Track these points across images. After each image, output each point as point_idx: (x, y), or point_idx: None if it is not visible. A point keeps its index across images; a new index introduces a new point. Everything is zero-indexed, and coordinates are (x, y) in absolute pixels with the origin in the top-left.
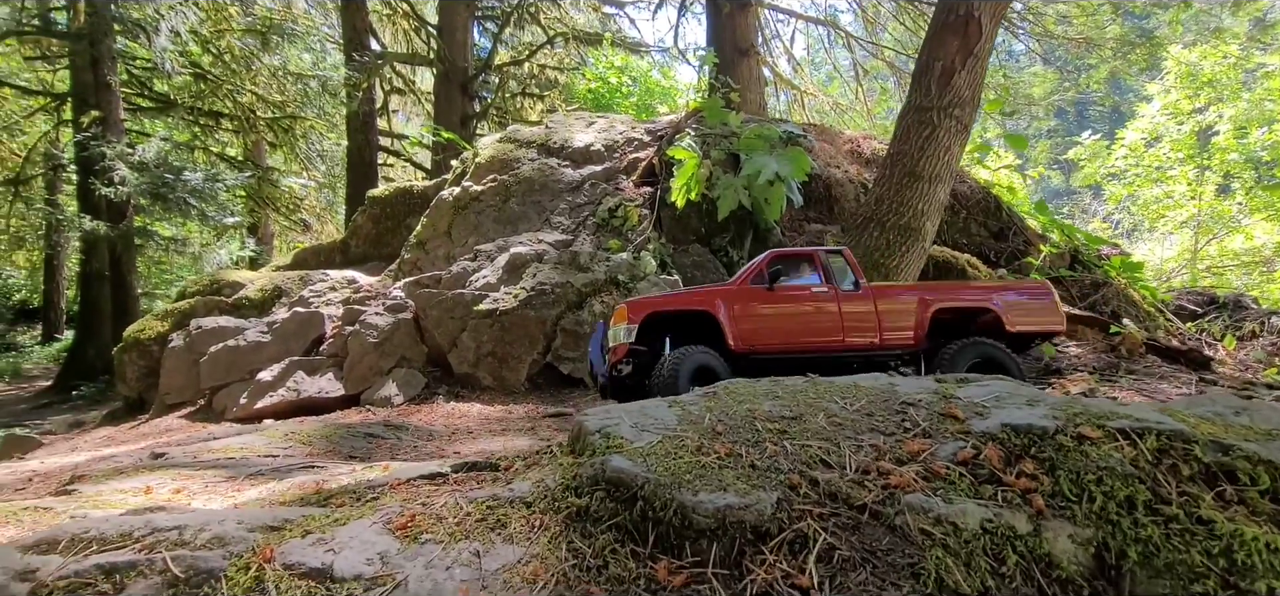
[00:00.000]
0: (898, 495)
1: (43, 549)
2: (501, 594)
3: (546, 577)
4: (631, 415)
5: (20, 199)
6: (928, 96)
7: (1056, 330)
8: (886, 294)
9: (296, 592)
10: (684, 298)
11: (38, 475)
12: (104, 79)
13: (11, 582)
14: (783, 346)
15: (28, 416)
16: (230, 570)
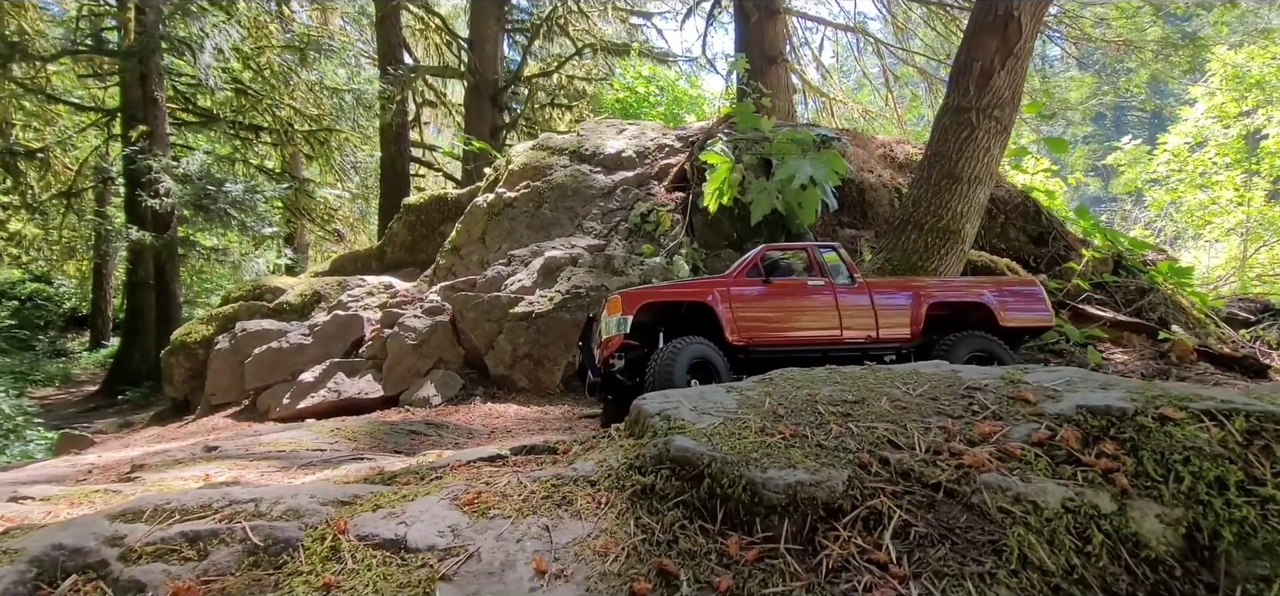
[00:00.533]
0: (972, 474)
1: (129, 518)
2: (574, 565)
3: (616, 550)
4: (690, 399)
5: (72, 210)
6: (965, 97)
7: (1046, 325)
8: (882, 288)
9: (372, 561)
10: (679, 289)
11: (97, 467)
12: (151, 95)
13: (102, 547)
14: (781, 339)
15: (77, 419)
16: (306, 540)
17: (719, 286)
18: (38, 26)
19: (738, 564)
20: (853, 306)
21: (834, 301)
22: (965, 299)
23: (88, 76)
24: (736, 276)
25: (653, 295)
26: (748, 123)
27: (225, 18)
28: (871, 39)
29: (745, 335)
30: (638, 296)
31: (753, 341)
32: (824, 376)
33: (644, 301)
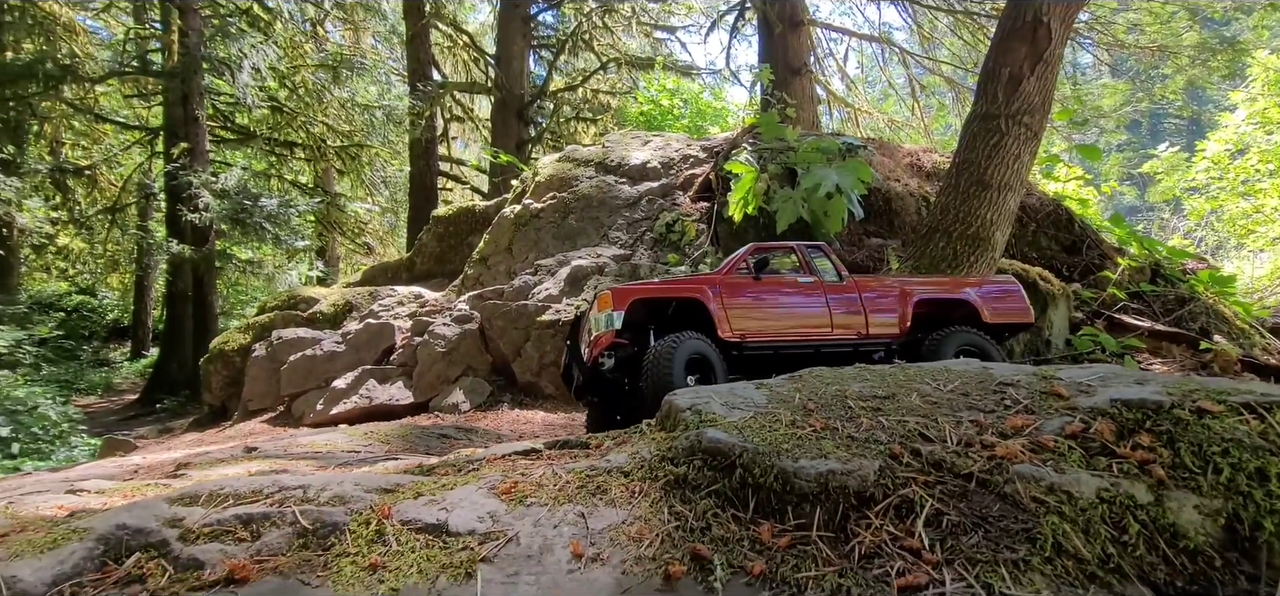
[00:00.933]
0: (1005, 465)
1: (186, 502)
2: (609, 549)
3: (651, 536)
4: (720, 395)
5: (116, 225)
6: (994, 103)
7: (1026, 322)
8: (869, 286)
9: (416, 544)
10: (672, 285)
11: (143, 467)
12: (193, 113)
13: (163, 528)
14: (774, 335)
15: (118, 426)
16: (353, 524)
17: (710, 283)
18: (87, 50)
19: (770, 550)
20: (842, 303)
21: (824, 298)
22: (950, 297)
23: (133, 97)
24: (726, 273)
25: (645, 291)
26: (772, 132)
27: (263, 38)
28: (897, 48)
29: (738, 331)
30: (629, 292)
31: (746, 337)
32: (853, 374)
33: (636, 297)
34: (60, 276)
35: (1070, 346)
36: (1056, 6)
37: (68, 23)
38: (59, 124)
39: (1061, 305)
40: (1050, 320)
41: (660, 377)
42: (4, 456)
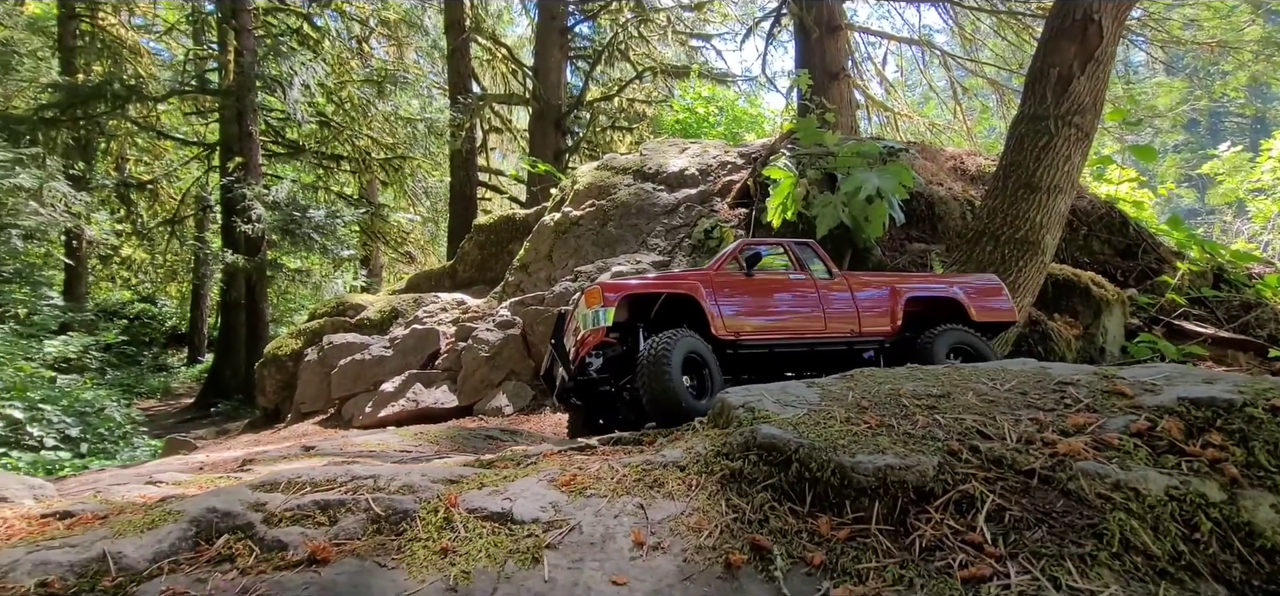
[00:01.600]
0: (1068, 462)
1: (267, 488)
2: (670, 539)
3: (709, 527)
4: (772, 393)
5: (175, 236)
6: (1042, 104)
7: (1010, 319)
8: (860, 282)
9: (483, 531)
10: (664, 280)
11: (206, 464)
12: (247, 129)
13: (248, 511)
14: (769, 334)
15: (175, 428)
16: (422, 512)
17: (702, 279)
18: (150, 70)
19: (829, 542)
20: (835, 301)
21: (817, 296)
22: (939, 295)
23: (192, 114)
24: (718, 269)
25: (636, 286)
26: (811, 138)
27: (312, 56)
28: (937, 51)
29: (732, 329)
30: (619, 287)
31: (740, 336)
32: (905, 373)
33: (627, 292)
34: (123, 285)
35: (1126, 354)
36: (1107, 4)
37: (133, 45)
38: (124, 141)
39: (1116, 311)
40: (1104, 326)
41: (658, 379)
42: (73, 455)
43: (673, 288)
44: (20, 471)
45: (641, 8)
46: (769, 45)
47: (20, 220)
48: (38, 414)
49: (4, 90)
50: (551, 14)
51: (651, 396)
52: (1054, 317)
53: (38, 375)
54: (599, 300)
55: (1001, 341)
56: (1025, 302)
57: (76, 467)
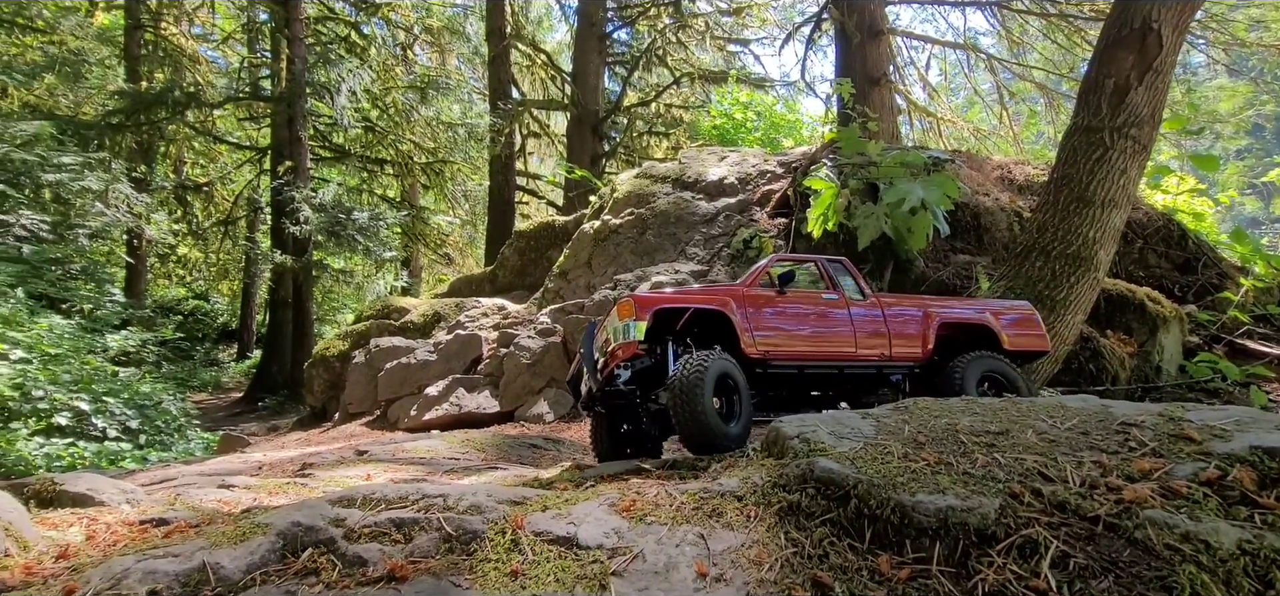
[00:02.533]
0: (1134, 510)
1: (345, 504)
2: (731, 571)
3: (770, 561)
4: (826, 423)
5: (228, 237)
6: (1097, 116)
7: (1042, 349)
8: (892, 304)
9: (549, 555)
10: (696, 295)
11: (266, 464)
12: (297, 134)
13: (329, 527)
14: (800, 354)
15: (225, 422)
16: (490, 533)
17: (734, 295)
18: (208, 78)
19: (890, 581)
20: (867, 322)
21: (848, 316)
22: (971, 320)
23: (245, 120)
24: (750, 285)
25: (668, 300)
26: (853, 147)
27: (359, 63)
28: (983, 55)
29: (762, 348)
30: (652, 301)
31: (769, 355)
32: (961, 406)
33: (659, 306)
34: (179, 283)
35: (1184, 373)
36: (1168, 11)
37: (192, 54)
38: (182, 145)
39: (1173, 328)
40: (1160, 344)
41: (690, 405)
42: (134, 446)
43: (705, 303)
44: (87, 461)
45: (680, 13)
46: (809, 50)
47: (87, 220)
48: (102, 406)
49: (74, 97)
50: (591, 20)
51: (682, 422)
52: (1107, 335)
53: (101, 369)
54: (632, 313)
55: (1032, 369)
56: (1076, 320)
57: (137, 458)
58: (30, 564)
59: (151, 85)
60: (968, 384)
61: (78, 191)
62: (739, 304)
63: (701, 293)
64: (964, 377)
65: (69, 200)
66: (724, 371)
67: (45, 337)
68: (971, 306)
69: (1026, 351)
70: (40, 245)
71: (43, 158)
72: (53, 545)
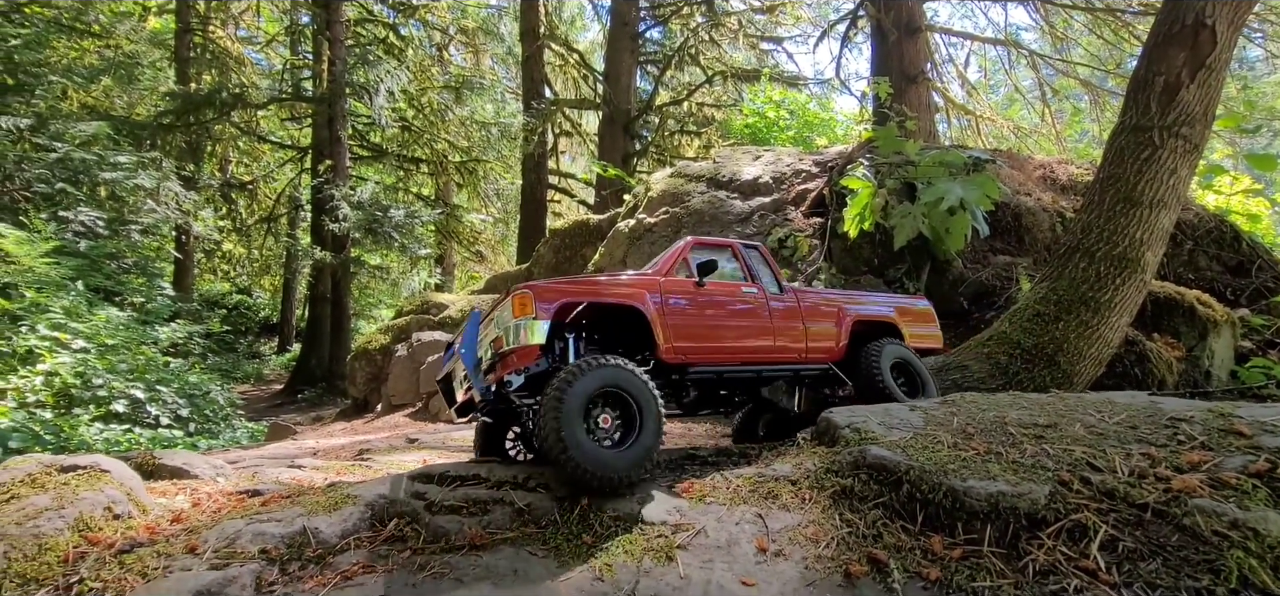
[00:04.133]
0: (1183, 498)
1: (424, 480)
2: (789, 547)
3: (826, 539)
4: (876, 415)
5: (270, 233)
6: (1146, 114)
7: (935, 348)
8: (808, 300)
9: (617, 529)
10: (606, 287)
11: (320, 451)
12: (336, 133)
13: (412, 500)
14: (718, 356)
15: (267, 412)
16: (558, 512)
17: (650, 286)
18: (252, 79)
19: (943, 560)
20: (785, 318)
21: (768, 312)
22: (881, 317)
23: (288, 120)
24: (665, 273)
25: (570, 292)
26: (890, 146)
27: (397, 64)
28: (1025, 51)
29: (681, 350)
30: (552, 293)
31: (689, 359)
32: (1008, 401)
33: (562, 299)
34: (223, 278)
35: (1236, 379)
36: (1222, 6)
37: (238, 56)
38: (228, 144)
39: (1225, 333)
40: (1210, 348)
41: (552, 425)
42: (184, 434)
43: (617, 297)
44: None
45: (713, 12)
46: (844, 47)
47: (140, 216)
48: (155, 395)
49: (128, 98)
50: (623, 19)
51: (548, 453)
52: (1154, 338)
53: (154, 359)
54: (529, 309)
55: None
56: (1121, 322)
57: (187, 445)
58: (151, 525)
59: (200, 87)
60: (883, 369)
61: (131, 189)
62: (656, 297)
63: (614, 284)
64: (878, 361)
65: (123, 197)
66: (609, 384)
67: (103, 329)
68: (882, 303)
69: (923, 349)
70: (97, 240)
71: (100, 156)
72: (166, 510)
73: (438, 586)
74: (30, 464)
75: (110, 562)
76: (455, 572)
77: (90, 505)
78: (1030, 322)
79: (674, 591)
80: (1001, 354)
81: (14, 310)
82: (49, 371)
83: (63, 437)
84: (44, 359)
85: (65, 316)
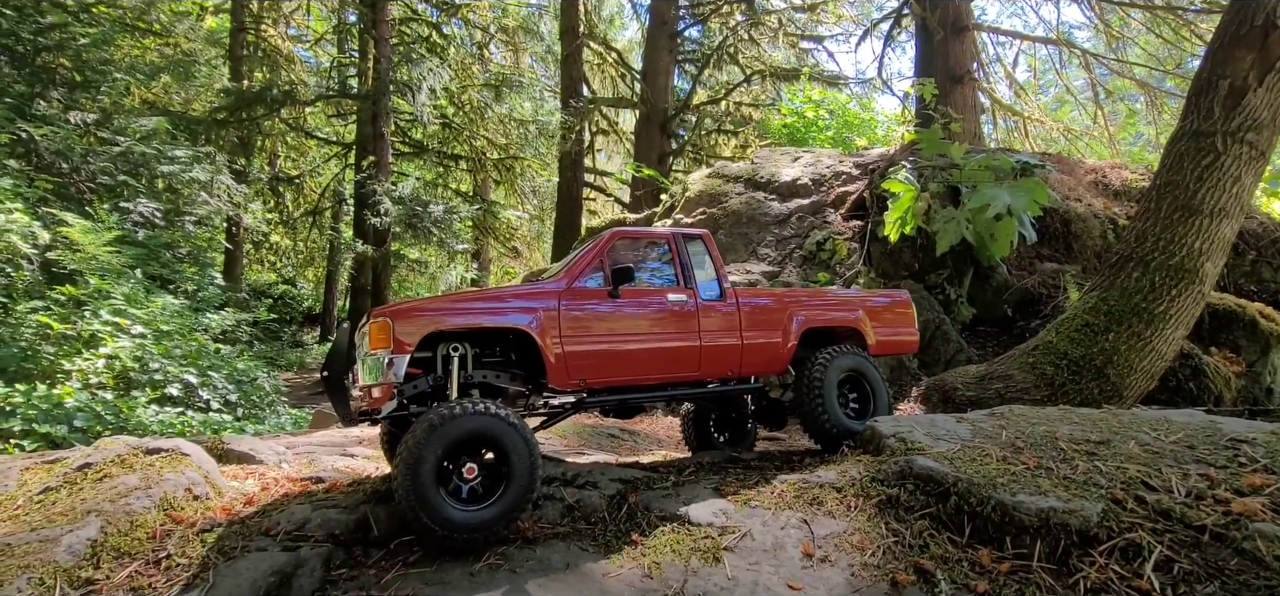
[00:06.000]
0: (1243, 521)
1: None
2: (835, 554)
3: (872, 547)
4: (923, 425)
5: (315, 226)
6: (1208, 119)
7: (909, 348)
8: (750, 303)
9: (665, 529)
10: (483, 306)
11: (364, 439)
12: (380, 130)
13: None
14: (631, 378)
15: (308, 401)
16: (605, 507)
17: (545, 300)
18: (301, 76)
19: (991, 573)
20: (717, 332)
21: (697, 326)
22: (838, 322)
23: (334, 116)
24: (570, 280)
25: (437, 315)
26: (934, 148)
27: (439, 62)
28: (1077, 50)
29: (576, 375)
30: (416, 316)
31: (589, 381)
32: (1059, 415)
33: (429, 328)
34: (270, 268)
35: None
36: None
37: (288, 54)
38: (277, 140)
39: None
40: (1273, 364)
41: (402, 485)
42: (233, 418)
43: (495, 320)
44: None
45: (753, 10)
46: (887, 47)
47: (194, 208)
48: (207, 380)
49: (185, 94)
50: (662, 18)
51: (400, 505)
52: (1211, 352)
53: (205, 346)
54: (386, 341)
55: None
56: (1176, 335)
57: (236, 429)
58: (226, 507)
59: (252, 84)
60: (829, 380)
61: (187, 182)
62: (551, 314)
63: (495, 303)
64: (825, 373)
65: (179, 189)
66: (473, 432)
67: (159, 315)
68: (844, 303)
69: (896, 348)
70: (154, 230)
71: (159, 150)
72: (239, 493)
73: (493, 578)
74: (118, 446)
75: (193, 540)
76: (510, 563)
77: (173, 486)
78: (1079, 333)
79: (721, 592)
80: (1047, 364)
81: (79, 296)
82: (110, 355)
83: (122, 418)
84: (106, 343)
85: (125, 303)
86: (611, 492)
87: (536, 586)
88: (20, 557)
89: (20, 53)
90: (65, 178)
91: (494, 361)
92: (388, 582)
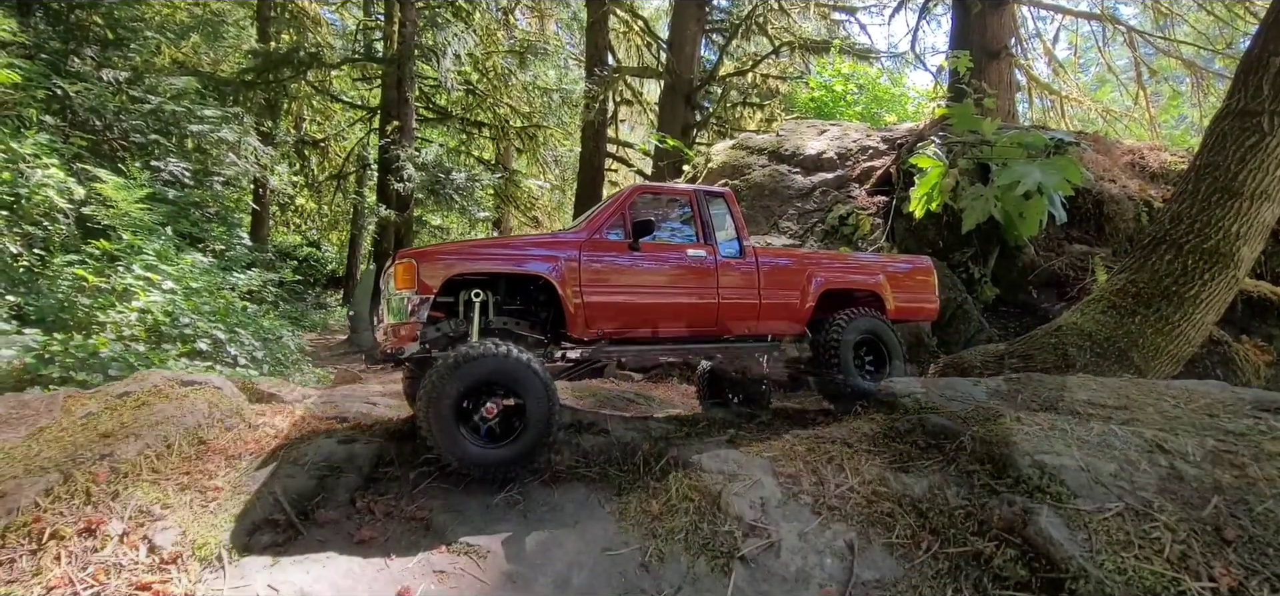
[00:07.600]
0: (1261, 487)
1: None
2: (845, 505)
3: (882, 500)
4: (937, 387)
5: (339, 190)
6: (1256, 98)
7: (929, 315)
8: (770, 262)
9: (677, 474)
10: (506, 252)
11: (386, 393)
12: (405, 95)
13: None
14: (647, 336)
15: (330, 361)
16: (621, 455)
17: (567, 250)
18: (327, 39)
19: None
20: (737, 288)
21: (716, 282)
22: (857, 285)
23: (359, 80)
24: (593, 232)
25: (460, 258)
26: (966, 124)
27: (464, 27)
28: (1122, 27)
29: (596, 325)
30: (440, 258)
31: (607, 333)
32: (1077, 382)
33: (453, 270)
34: (295, 230)
35: None
36: None
37: (314, 16)
38: (303, 103)
39: None
40: None
41: (425, 422)
42: (259, 373)
43: (518, 265)
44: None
45: None
46: (922, 19)
47: (222, 169)
48: (234, 336)
49: (214, 55)
50: None
51: (425, 439)
52: (1242, 340)
53: (232, 303)
54: (412, 281)
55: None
56: (1206, 320)
57: None
58: (258, 439)
59: (279, 46)
60: (846, 344)
61: (215, 142)
62: (571, 263)
63: (519, 249)
64: (839, 344)
65: (208, 150)
66: (492, 373)
67: (188, 272)
68: (865, 267)
69: (916, 315)
70: (184, 189)
71: (188, 109)
72: (268, 427)
73: (507, 512)
74: (156, 377)
75: (226, 468)
76: (525, 503)
77: (206, 417)
78: (1104, 315)
79: (728, 537)
80: (1070, 344)
81: (112, 251)
82: (142, 308)
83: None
84: (138, 296)
85: (157, 259)
86: (626, 440)
87: (545, 528)
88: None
89: (55, 9)
90: (99, 135)
91: (514, 309)
92: (416, 494)
